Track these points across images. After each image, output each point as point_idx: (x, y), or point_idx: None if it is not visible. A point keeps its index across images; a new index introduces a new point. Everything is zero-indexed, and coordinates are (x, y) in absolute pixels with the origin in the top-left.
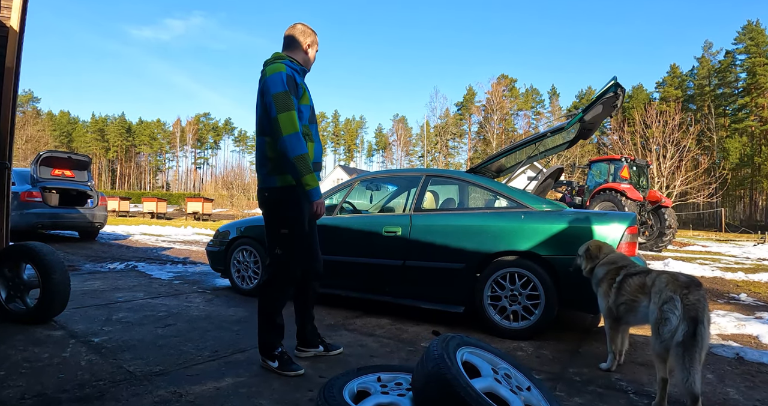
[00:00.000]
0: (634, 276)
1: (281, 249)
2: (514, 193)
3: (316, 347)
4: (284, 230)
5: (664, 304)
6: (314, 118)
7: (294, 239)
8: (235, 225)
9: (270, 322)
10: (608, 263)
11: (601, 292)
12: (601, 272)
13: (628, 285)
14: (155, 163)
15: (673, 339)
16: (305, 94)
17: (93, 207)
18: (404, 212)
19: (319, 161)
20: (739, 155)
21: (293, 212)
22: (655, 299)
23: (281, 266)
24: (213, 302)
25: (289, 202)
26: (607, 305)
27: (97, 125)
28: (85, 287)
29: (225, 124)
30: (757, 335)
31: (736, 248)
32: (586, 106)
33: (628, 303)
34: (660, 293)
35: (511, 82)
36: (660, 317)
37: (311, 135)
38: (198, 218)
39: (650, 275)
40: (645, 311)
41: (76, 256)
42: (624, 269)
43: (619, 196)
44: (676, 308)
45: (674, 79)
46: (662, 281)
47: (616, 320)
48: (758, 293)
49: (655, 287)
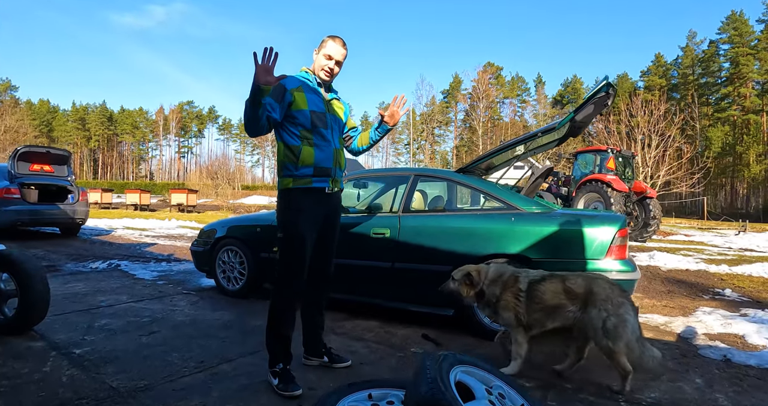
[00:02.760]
0: (545, 282)
1: (279, 253)
2: (504, 194)
3: (321, 358)
4: (280, 233)
5: (619, 308)
6: (321, 124)
7: (287, 242)
8: (219, 224)
9: (272, 329)
10: (497, 278)
11: (504, 305)
12: (496, 289)
13: (540, 292)
14: (138, 152)
15: (633, 334)
16: (297, 101)
17: (74, 203)
18: (393, 213)
19: (325, 167)
20: (722, 144)
21: (287, 216)
22: (606, 305)
23: (279, 271)
24: (198, 304)
25: (284, 205)
26: (515, 315)
27: (78, 114)
28: (66, 290)
29: (209, 112)
30: (743, 335)
31: (718, 238)
32: (578, 107)
33: (546, 309)
34: (609, 299)
35: (497, 70)
36: (618, 321)
37: (311, 140)
38: (182, 210)
39: (573, 281)
40: (570, 316)
41: (57, 254)
42: (520, 277)
43: (605, 187)
44: (631, 309)
45: (659, 68)
46: (604, 287)
47: (527, 327)
48: (742, 288)
49: (599, 295)
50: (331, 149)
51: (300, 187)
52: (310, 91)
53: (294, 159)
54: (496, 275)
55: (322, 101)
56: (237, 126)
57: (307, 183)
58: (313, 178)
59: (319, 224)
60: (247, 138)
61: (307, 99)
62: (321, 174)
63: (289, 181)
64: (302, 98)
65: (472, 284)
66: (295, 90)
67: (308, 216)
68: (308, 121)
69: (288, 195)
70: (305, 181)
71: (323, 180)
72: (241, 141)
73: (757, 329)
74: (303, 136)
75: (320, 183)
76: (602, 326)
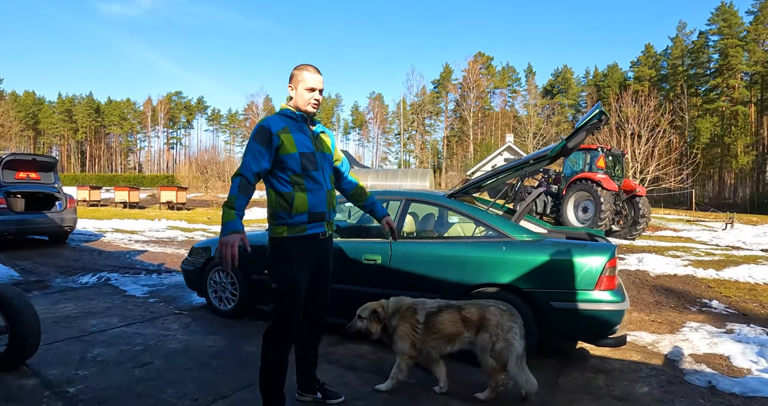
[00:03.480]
0: (442, 313)
1: (273, 303)
2: (495, 221)
3: (314, 394)
4: (274, 285)
5: (508, 333)
6: (311, 167)
7: (282, 296)
8: (210, 243)
9: (266, 377)
10: (396, 310)
11: (400, 334)
12: (395, 321)
13: (438, 323)
14: (126, 144)
15: (515, 356)
16: (285, 145)
17: (61, 210)
18: (384, 239)
19: (320, 211)
20: (710, 135)
21: (282, 269)
22: (496, 330)
23: (273, 321)
24: (190, 328)
25: (278, 257)
26: (411, 344)
27: (65, 106)
28: (56, 311)
29: (198, 102)
30: (728, 356)
31: (705, 233)
32: (571, 134)
33: (446, 337)
34: (499, 325)
35: (487, 60)
36: (505, 344)
37: (302, 185)
38: (172, 207)
39: (468, 310)
40: (467, 340)
41: (46, 267)
42: (417, 309)
43: (595, 186)
44: (518, 334)
45: (648, 59)
46: (495, 314)
47: (424, 354)
48: (729, 298)
49: (491, 321)
50: (324, 192)
51: (295, 236)
52: (297, 131)
53: (287, 207)
54: (395, 308)
55: (310, 140)
56: (226, 117)
57: (302, 231)
58: (308, 225)
59: (314, 269)
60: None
61: (295, 141)
62: (316, 219)
63: (283, 230)
64: (290, 141)
65: (379, 320)
66: (281, 132)
67: (303, 266)
68: (298, 165)
69: (282, 245)
70: (300, 228)
71: (318, 225)
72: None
73: (742, 350)
74: (294, 181)
75: (315, 229)
76: (491, 348)
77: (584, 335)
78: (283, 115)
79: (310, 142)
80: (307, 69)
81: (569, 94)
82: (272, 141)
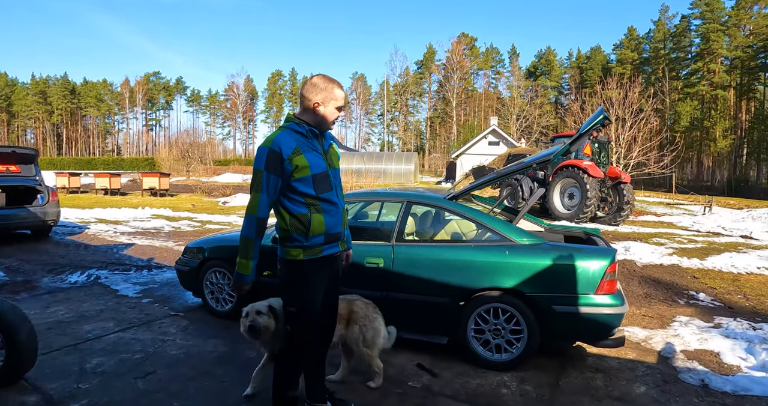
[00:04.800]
0: None
1: (291, 325)
2: (497, 224)
3: (324, 403)
4: (291, 308)
5: (374, 322)
6: (326, 188)
7: (299, 317)
8: (204, 243)
9: (280, 394)
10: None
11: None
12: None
13: None
14: (104, 126)
15: (384, 339)
16: (299, 168)
17: (44, 204)
18: (386, 242)
19: (336, 232)
20: (690, 119)
21: (300, 292)
22: (365, 321)
23: (292, 342)
24: (189, 331)
25: (294, 279)
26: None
27: (39, 87)
28: (48, 316)
29: (177, 83)
30: (718, 353)
31: (686, 217)
32: (573, 139)
33: None
34: (366, 316)
35: (471, 41)
36: (374, 332)
37: (317, 206)
38: (155, 194)
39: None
40: (339, 334)
41: (32, 264)
42: None
43: (581, 173)
44: (382, 321)
45: (631, 42)
46: (362, 307)
47: None
48: (714, 290)
49: (359, 314)
50: (339, 212)
51: (310, 259)
52: (309, 150)
53: (303, 229)
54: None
55: (322, 157)
56: (206, 97)
57: (318, 253)
58: (324, 247)
59: (326, 286)
60: (218, 110)
61: (308, 163)
62: (332, 240)
63: (299, 253)
64: (303, 163)
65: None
66: (293, 155)
67: (318, 286)
68: (311, 187)
69: (299, 268)
70: (316, 251)
71: (334, 245)
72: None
73: (731, 346)
74: (309, 203)
75: (331, 250)
76: (362, 338)
77: (585, 338)
78: (292, 130)
79: (322, 160)
80: (338, 86)
81: (552, 76)
82: (284, 168)
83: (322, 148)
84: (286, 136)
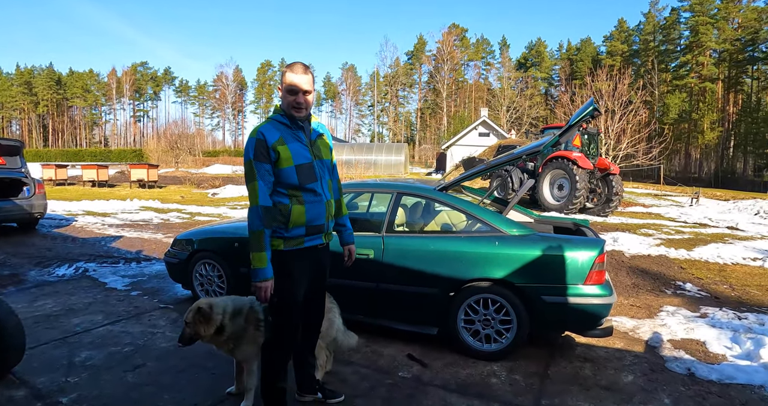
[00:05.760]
0: None
1: (272, 316)
2: (487, 215)
3: (315, 394)
4: (274, 298)
5: (329, 313)
6: (310, 179)
7: (280, 309)
8: (193, 234)
9: (268, 385)
10: (238, 312)
11: (249, 338)
12: (239, 322)
13: None
14: (91, 117)
15: (338, 332)
16: (281, 158)
17: (30, 196)
18: (376, 233)
19: (318, 224)
20: (678, 111)
21: (280, 283)
22: None
23: (274, 333)
24: (178, 323)
25: (275, 269)
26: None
27: (23, 77)
28: (35, 309)
29: (165, 73)
30: (704, 342)
31: (674, 208)
32: (563, 131)
33: None
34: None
35: (462, 31)
36: (329, 324)
37: (300, 197)
38: (143, 185)
39: None
40: None
41: (18, 257)
42: (255, 306)
43: (570, 164)
44: (337, 312)
45: (621, 34)
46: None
47: None
48: (701, 280)
49: None
50: (323, 204)
51: (291, 250)
52: (292, 140)
53: (283, 220)
54: (237, 308)
55: (307, 148)
56: (195, 88)
57: (299, 244)
58: (306, 238)
59: (312, 277)
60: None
61: (291, 152)
62: (313, 232)
63: (279, 243)
64: (286, 152)
65: (207, 319)
66: (276, 144)
67: (300, 277)
68: (295, 178)
69: (281, 258)
70: (297, 242)
71: (316, 237)
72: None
73: (717, 336)
74: (291, 194)
75: (313, 241)
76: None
77: (574, 327)
78: (276, 121)
79: (307, 151)
80: (291, 68)
81: (542, 67)
82: (270, 155)
83: (308, 139)
84: (270, 127)
